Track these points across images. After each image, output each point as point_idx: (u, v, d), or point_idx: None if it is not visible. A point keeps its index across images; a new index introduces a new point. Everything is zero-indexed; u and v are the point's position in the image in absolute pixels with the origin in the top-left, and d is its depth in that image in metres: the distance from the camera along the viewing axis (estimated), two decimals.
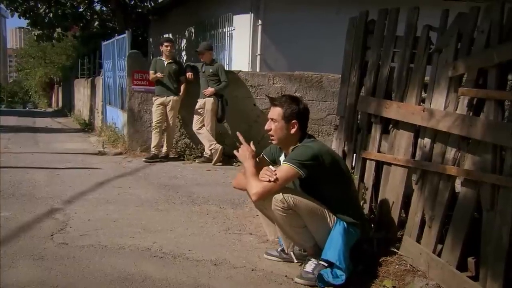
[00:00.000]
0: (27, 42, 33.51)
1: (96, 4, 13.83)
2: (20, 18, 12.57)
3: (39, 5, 12.33)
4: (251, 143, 2.88)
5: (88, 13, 12.91)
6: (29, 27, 13.39)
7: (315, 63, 8.65)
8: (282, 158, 2.90)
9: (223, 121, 6.92)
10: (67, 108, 18.68)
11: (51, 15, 12.18)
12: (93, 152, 7.15)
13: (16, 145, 7.82)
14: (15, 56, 49.49)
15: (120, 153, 7.06)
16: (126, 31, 7.78)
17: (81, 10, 12.71)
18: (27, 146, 7.89)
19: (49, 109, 28.27)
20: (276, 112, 2.78)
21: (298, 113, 2.76)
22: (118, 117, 8.51)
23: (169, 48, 6.82)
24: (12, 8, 12.12)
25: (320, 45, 9.50)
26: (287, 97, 2.84)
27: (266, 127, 2.82)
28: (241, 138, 2.90)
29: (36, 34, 13.20)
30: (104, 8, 14.00)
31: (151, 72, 6.73)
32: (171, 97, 6.68)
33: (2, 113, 18.86)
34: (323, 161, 2.65)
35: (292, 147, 2.77)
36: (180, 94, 6.74)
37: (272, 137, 2.81)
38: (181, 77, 6.79)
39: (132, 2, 12.79)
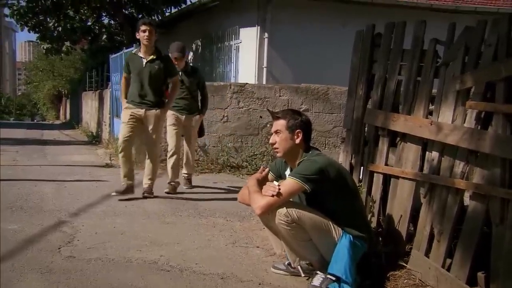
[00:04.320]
0: (36, 55, 33.93)
1: (104, 18, 14.01)
2: (29, 32, 12.76)
3: (48, 19, 12.51)
4: (262, 167, 2.93)
5: (96, 27, 13.07)
6: (38, 41, 13.56)
7: (322, 75, 8.68)
8: (287, 172, 2.90)
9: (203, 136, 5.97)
10: (75, 121, 18.82)
11: (60, 29, 12.35)
12: (100, 165, 7.18)
13: (25, 158, 7.87)
14: (24, 69, 50.08)
15: None
16: (134, 44, 7.86)
17: (89, 24, 12.88)
18: (35, 158, 7.94)
19: (57, 122, 28.51)
20: (279, 124, 2.80)
21: (301, 123, 2.79)
22: None
23: (147, 34, 4.62)
24: (22, 23, 12.31)
25: (326, 57, 9.55)
26: (288, 110, 2.93)
27: (271, 140, 2.84)
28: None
29: (45, 47, 13.37)
30: (112, 22, 14.18)
31: (124, 75, 4.97)
32: (152, 111, 4.73)
33: (11, 125, 19.04)
34: (328, 175, 2.64)
35: (298, 161, 2.77)
36: (165, 106, 4.89)
37: (277, 150, 2.82)
38: (170, 80, 4.88)
39: (140, 16, 12.93)
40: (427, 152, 2.93)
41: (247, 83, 7.66)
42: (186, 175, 5.63)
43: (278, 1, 9.50)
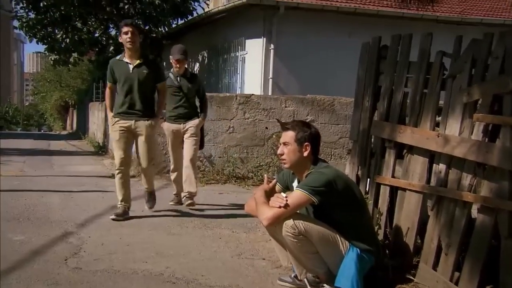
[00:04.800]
0: (43, 66, 34.29)
1: (111, 29, 14.15)
2: (38, 43, 12.91)
3: (56, 31, 12.66)
4: (265, 176, 2.92)
5: (104, 38, 13.20)
6: (46, 52, 13.70)
7: (327, 86, 8.72)
8: (295, 184, 2.89)
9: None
10: (81, 131, 18.93)
11: (68, 40, 12.49)
12: (106, 175, 7.20)
13: (32, 168, 7.92)
14: (32, 80, 50.61)
15: (133, 176, 7.06)
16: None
17: (97, 35, 13.01)
18: (42, 169, 7.98)
19: (64, 132, 28.70)
20: (288, 135, 2.80)
21: (310, 135, 2.78)
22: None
23: (129, 36, 4.24)
24: (31, 34, 12.46)
25: (332, 68, 9.59)
26: (298, 122, 2.90)
27: (279, 151, 2.84)
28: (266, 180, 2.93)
29: (53, 59, 13.51)
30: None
31: (108, 84, 4.54)
32: (142, 122, 4.35)
33: (19, 136, 19.17)
34: (336, 187, 2.64)
35: (306, 173, 2.77)
36: (157, 116, 4.53)
37: (284, 161, 2.82)
38: (158, 85, 4.50)
39: (147, 28, 13.05)
40: (434, 165, 2.92)
41: (253, 94, 7.68)
42: (187, 194, 4.94)
43: (284, 13, 9.57)
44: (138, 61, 4.34)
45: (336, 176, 2.69)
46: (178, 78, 4.99)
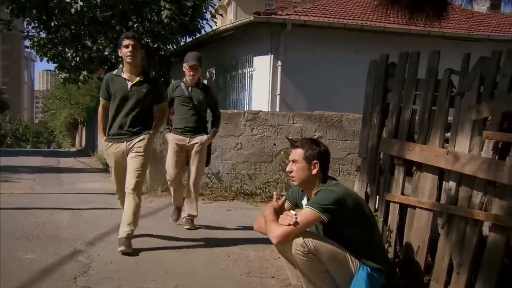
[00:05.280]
0: (53, 84, 34.76)
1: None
2: (48, 62, 13.09)
3: (66, 50, 12.85)
4: (274, 193, 2.91)
5: (113, 56, 13.36)
6: (56, 70, 13.88)
7: (334, 102, 8.73)
8: (304, 201, 2.89)
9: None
10: (90, 148, 19.07)
11: (78, 59, 12.66)
12: (115, 192, 7.22)
13: (41, 186, 7.96)
14: (42, 98, 51.24)
15: (142, 193, 7.11)
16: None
17: (106, 53, 13.18)
18: (51, 186, 8.03)
19: (73, 149, 28.95)
20: (297, 153, 2.80)
21: (319, 153, 2.77)
22: None
23: (130, 50, 3.85)
24: (42, 53, 12.66)
25: (339, 85, 9.62)
26: (307, 139, 2.90)
27: (288, 169, 2.84)
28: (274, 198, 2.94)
29: (63, 77, 13.67)
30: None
31: (102, 101, 4.12)
32: (134, 139, 3.93)
33: (28, 153, 19.35)
34: (346, 205, 2.63)
35: (315, 191, 2.76)
36: (152, 131, 4.03)
37: (293, 178, 2.82)
38: (157, 106, 4.13)
39: (156, 45, 13.21)
40: (444, 182, 2.91)
41: (260, 111, 7.71)
42: (187, 216, 4.78)
43: (291, 30, 9.65)
44: (138, 78, 3.92)
45: (346, 194, 2.68)
46: (190, 88, 4.68)
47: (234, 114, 7.48)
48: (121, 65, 4.09)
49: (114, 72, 4.11)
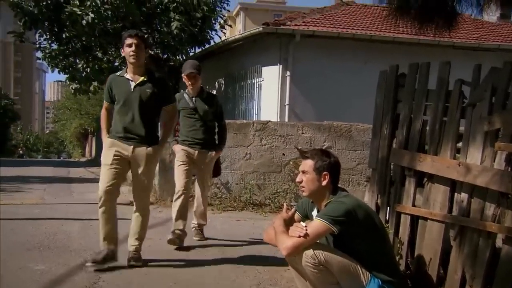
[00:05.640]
0: (64, 95, 35.15)
1: None
2: (59, 73, 13.28)
3: (77, 61, 13.02)
4: (285, 204, 2.90)
5: (124, 67, 13.56)
6: (67, 81, 14.05)
7: (343, 112, 8.73)
8: (314, 212, 2.87)
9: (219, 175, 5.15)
10: (100, 158, 19.16)
11: (88, 70, 12.82)
12: (124, 203, 7.22)
13: (52, 196, 8.01)
14: (53, 108, 51.81)
15: (151, 203, 7.09)
16: None
17: (116, 64, 13.32)
18: (62, 196, 8.08)
19: (83, 159, 29.14)
20: (307, 164, 2.79)
21: (329, 165, 2.76)
22: None
23: (134, 49, 3.61)
24: (53, 65, 12.84)
25: (348, 95, 9.63)
26: (317, 150, 2.88)
27: (297, 179, 2.83)
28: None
29: (73, 88, 13.83)
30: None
31: (105, 104, 3.92)
32: (142, 149, 3.69)
33: (39, 163, 19.51)
34: (356, 217, 2.61)
35: (325, 202, 2.75)
36: (160, 142, 3.83)
37: (303, 189, 2.80)
38: (165, 108, 3.85)
39: (165, 56, 13.33)
40: (455, 194, 2.88)
41: (269, 121, 7.72)
42: (196, 226, 4.75)
43: (300, 41, 9.69)
44: (141, 79, 3.69)
45: (356, 206, 2.66)
46: (194, 99, 4.55)
47: (243, 124, 7.49)
48: (125, 67, 3.90)
49: (118, 73, 3.91)
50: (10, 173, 12.36)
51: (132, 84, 3.71)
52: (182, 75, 4.54)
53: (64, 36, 12.09)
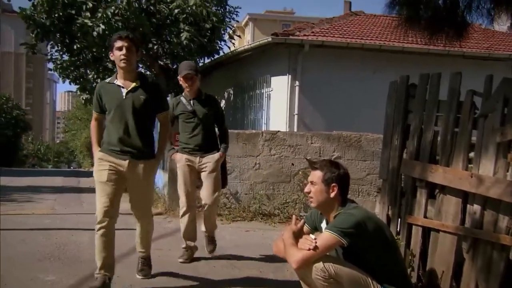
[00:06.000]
0: (74, 105, 35.50)
1: (140, 68, 14.61)
2: (70, 84, 13.41)
3: (88, 72, 13.14)
4: (293, 216, 2.88)
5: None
6: (78, 91, 14.17)
7: (352, 122, 8.71)
8: (323, 224, 2.85)
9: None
10: None
11: (99, 80, 12.93)
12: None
13: (62, 206, 8.06)
14: (63, 118, 52.32)
15: (160, 213, 7.14)
16: (169, 94, 8.09)
17: None
18: (72, 206, 8.12)
19: (92, 169, 29.24)
20: (316, 175, 2.77)
21: (338, 177, 2.73)
22: (159, 177, 8.70)
23: (124, 53, 3.28)
24: (64, 76, 12.98)
25: (357, 104, 9.60)
26: (327, 161, 2.86)
27: (306, 189, 2.81)
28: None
29: (84, 98, 13.94)
30: (148, 72, 14.76)
31: (94, 115, 3.59)
32: (137, 164, 3.40)
33: (50, 173, 19.65)
34: (366, 228, 2.58)
35: (334, 214, 2.73)
36: (157, 154, 3.57)
37: (311, 200, 2.79)
38: (159, 115, 3.58)
39: (175, 67, 13.42)
40: (468, 205, 2.84)
41: (278, 131, 7.71)
42: (206, 234, 4.48)
43: (309, 51, 9.70)
44: (133, 84, 3.38)
45: (366, 217, 2.64)
46: (191, 102, 4.24)
47: (252, 134, 7.50)
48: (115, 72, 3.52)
49: (107, 80, 3.57)
50: (21, 183, 12.48)
51: (124, 91, 3.38)
52: (178, 77, 4.25)
53: (75, 47, 12.21)
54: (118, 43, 3.30)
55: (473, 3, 3.28)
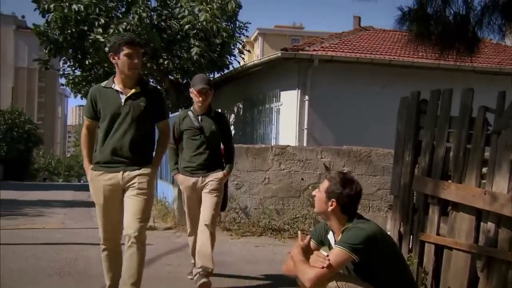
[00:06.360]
0: None
1: (150, 83, 14.75)
2: (82, 99, 13.60)
3: None
4: (299, 232, 2.86)
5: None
6: None
7: (362, 137, 8.68)
8: (330, 235, 2.79)
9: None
10: None
11: None
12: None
13: (72, 221, 8.09)
14: (74, 132, 52.77)
15: (170, 228, 7.13)
16: (179, 109, 8.15)
17: None
18: (82, 221, 8.13)
19: None
20: (324, 184, 2.73)
21: (339, 195, 2.64)
22: (168, 192, 8.71)
23: (136, 62, 3.05)
24: (76, 91, 13.16)
25: (366, 119, 9.59)
26: (341, 176, 2.73)
27: (313, 192, 2.79)
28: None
29: None
30: (158, 87, 14.91)
31: (86, 121, 3.24)
32: (133, 171, 3.09)
33: (61, 187, 19.76)
34: (377, 242, 2.54)
35: (342, 228, 2.69)
36: (153, 163, 3.22)
37: (315, 204, 2.77)
38: (159, 124, 3.29)
39: (185, 81, 13.54)
40: (482, 223, 2.80)
41: (288, 145, 7.70)
42: (200, 270, 3.77)
43: (318, 65, 9.74)
44: (133, 91, 3.07)
45: (376, 231, 2.60)
46: (199, 118, 3.95)
47: (262, 149, 7.49)
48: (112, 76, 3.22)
49: (103, 84, 3.21)
50: (32, 197, 12.57)
51: (123, 97, 3.07)
52: (192, 89, 3.94)
53: (87, 62, 12.41)
54: (128, 50, 3.01)
55: (484, 19, 3.28)
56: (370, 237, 2.54)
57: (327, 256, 2.57)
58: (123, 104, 3.07)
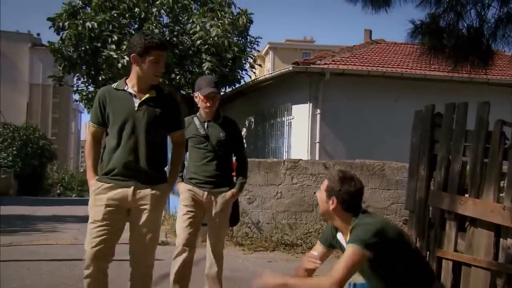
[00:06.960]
0: None
1: None
2: None
3: None
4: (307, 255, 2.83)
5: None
6: None
7: (374, 150, 8.62)
8: (339, 235, 2.70)
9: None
10: None
11: None
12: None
13: (85, 236, 8.09)
14: None
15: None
16: None
17: None
18: None
19: None
20: (324, 183, 2.66)
21: (338, 192, 2.55)
22: (178, 206, 8.68)
23: (162, 66, 2.78)
24: (89, 106, 13.33)
25: (378, 132, 9.53)
26: (340, 174, 2.64)
27: (317, 193, 2.74)
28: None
29: None
30: (172, 94, 15.02)
31: (92, 127, 2.86)
32: (146, 191, 2.75)
33: (74, 202, 19.89)
34: (387, 234, 2.45)
35: (350, 227, 2.60)
36: (169, 179, 2.92)
37: (319, 204, 2.72)
38: (173, 135, 2.93)
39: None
40: (501, 239, 2.74)
41: (300, 159, 7.67)
42: None
43: (330, 79, 9.74)
44: (148, 95, 2.75)
45: (385, 224, 2.52)
46: (206, 124, 3.51)
47: (274, 163, 7.47)
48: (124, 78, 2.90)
49: (114, 85, 2.87)
50: (46, 213, 12.67)
51: (137, 102, 2.74)
52: (198, 94, 3.50)
53: (100, 78, 12.57)
54: (157, 55, 2.70)
55: (498, 31, 3.24)
56: (379, 230, 2.45)
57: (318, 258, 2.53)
58: (136, 109, 2.73)
